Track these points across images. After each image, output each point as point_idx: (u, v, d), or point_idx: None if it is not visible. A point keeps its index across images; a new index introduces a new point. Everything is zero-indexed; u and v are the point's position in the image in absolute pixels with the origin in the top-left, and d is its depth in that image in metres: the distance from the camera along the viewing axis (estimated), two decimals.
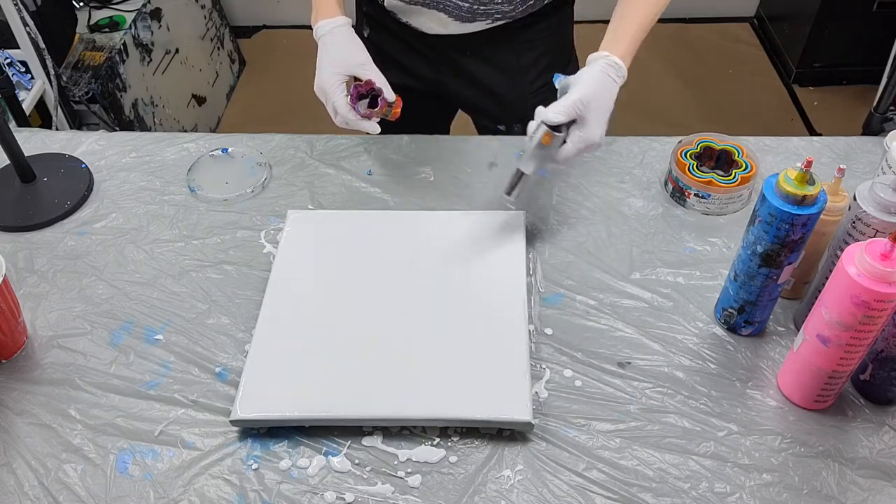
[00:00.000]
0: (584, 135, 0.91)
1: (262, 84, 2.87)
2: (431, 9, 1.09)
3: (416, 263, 0.98)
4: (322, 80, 0.99)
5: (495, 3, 1.08)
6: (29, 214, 1.08)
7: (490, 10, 1.09)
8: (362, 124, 0.99)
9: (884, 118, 1.19)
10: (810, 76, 2.75)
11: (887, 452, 0.82)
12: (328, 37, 1.01)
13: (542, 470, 0.81)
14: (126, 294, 0.99)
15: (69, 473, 0.82)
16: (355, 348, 0.89)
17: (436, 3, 1.08)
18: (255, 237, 1.06)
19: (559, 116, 0.90)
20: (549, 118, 0.90)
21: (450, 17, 1.10)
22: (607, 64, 0.94)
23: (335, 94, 0.98)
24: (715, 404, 0.86)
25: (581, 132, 0.92)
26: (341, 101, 0.98)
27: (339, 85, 0.98)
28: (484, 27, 1.12)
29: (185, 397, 0.88)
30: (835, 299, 0.75)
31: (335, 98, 0.98)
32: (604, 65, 0.94)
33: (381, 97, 0.99)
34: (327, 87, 0.98)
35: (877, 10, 2.54)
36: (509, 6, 1.09)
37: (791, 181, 0.77)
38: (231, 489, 0.80)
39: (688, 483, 0.80)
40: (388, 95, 1.00)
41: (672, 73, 2.83)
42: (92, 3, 2.30)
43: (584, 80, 0.93)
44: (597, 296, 0.97)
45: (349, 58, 1.00)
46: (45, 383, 0.90)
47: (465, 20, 1.10)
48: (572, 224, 1.06)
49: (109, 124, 2.12)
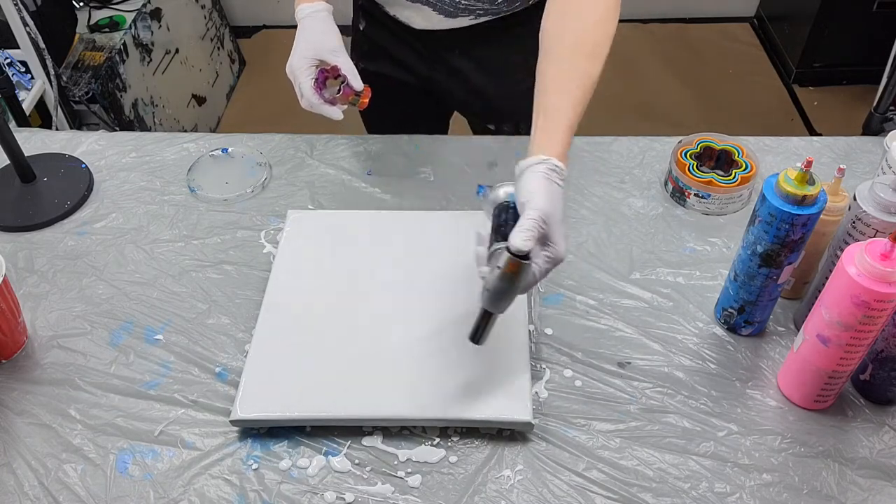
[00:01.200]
0: (552, 255, 0.78)
1: (262, 84, 2.87)
2: (416, 2, 1.10)
3: (416, 263, 0.98)
4: (292, 62, 1.01)
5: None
6: (29, 214, 1.08)
7: (472, 6, 1.09)
8: (325, 108, 0.99)
9: (884, 118, 1.19)
10: (810, 76, 2.75)
11: (887, 452, 0.82)
12: (306, 20, 1.02)
13: (542, 470, 0.81)
14: (126, 294, 0.99)
15: (69, 473, 0.82)
16: (355, 348, 0.89)
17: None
18: (255, 237, 1.06)
19: (528, 243, 0.75)
20: (519, 246, 0.74)
21: (434, 10, 1.10)
22: (549, 169, 0.80)
23: (302, 77, 0.99)
24: (715, 404, 0.86)
25: (548, 252, 0.78)
26: (307, 83, 0.99)
27: (308, 69, 0.99)
28: (468, 23, 1.12)
29: (185, 397, 0.88)
30: (835, 299, 0.75)
31: (302, 80, 0.99)
32: (546, 170, 0.80)
33: (346, 84, 1.00)
34: (296, 69, 1.00)
35: (877, 10, 2.54)
36: (492, 4, 1.09)
37: (791, 181, 0.77)
38: (231, 489, 0.80)
39: (688, 483, 0.80)
40: (354, 83, 1.00)
41: (672, 73, 2.83)
42: (92, 3, 2.30)
43: (534, 191, 0.78)
44: (597, 296, 0.97)
45: (321, 42, 1.01)
46: (45, 383, 0.90)
47: (448, 14, 1.10)
48: (572, 224, 1.06)
49: (109, 124, 2.12)
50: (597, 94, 0.89)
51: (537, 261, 0.78)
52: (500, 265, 0.76)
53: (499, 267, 0.76)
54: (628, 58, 2.84)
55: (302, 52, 1.00)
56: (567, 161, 0.82)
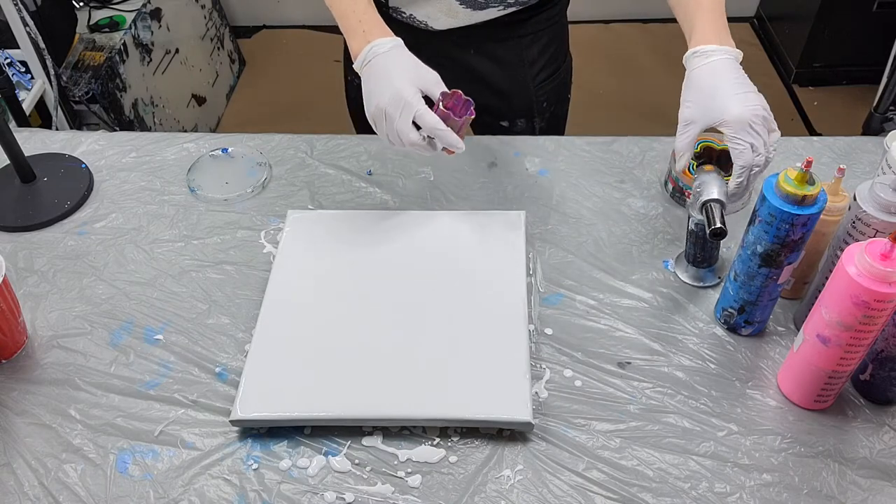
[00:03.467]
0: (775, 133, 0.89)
1: (262, 84, 2.87)
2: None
3: (416, 263, 0.98)
4: (398, 90, 0.87)
5: None
6: (29, 214, 1.08)
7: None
8: (450, 137, 0.88)
9: (884, 118, 1.20)
10: (810, 76, 2.75)
11: (887, 452, 0.82)
12: (393, 52, 0.91)
13: (542, 470, 0.81)
14: (126, 294, 0.99)
15: (69, 473, 0.82)
16: (355, 348, 0.89)
17: None
18: (255, 237, 1.06)
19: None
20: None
21: (461, 3, 1.07)
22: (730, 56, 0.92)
23: (419, 104, 0.87)
24: (715, 404, 0.86)
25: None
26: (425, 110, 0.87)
27: (419, 97, 0.88)
28: (495, 15, 1.10)
29: (185, 397, 0.88)
30: (835, 299, 0.75)
31: (419, 107, 0.87)
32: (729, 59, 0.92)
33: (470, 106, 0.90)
34: (408, 96, 0.87)
35: (877, 10, 2.54)
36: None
37: (791, 181, 0.77)
38: (231, 489, 0.80)
39: (688, 483, 0.80)
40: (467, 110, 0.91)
41: (672, 73, 2.82)
42: (92, 3, 2.30)
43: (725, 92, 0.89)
44: (597, 296, 0.97)
45: (422, 76, 0.90)
46: (45, 383, 0.90)
47: (476, 7, 1.08)
48: (572, 224, 1.06)
49: (109, 124, 2.12)
50: (597, 94, 0.89)
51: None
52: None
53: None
54: (628, 58, 2.84)
55: (408, 81, 0.88)
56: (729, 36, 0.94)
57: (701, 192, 0.88)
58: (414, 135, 0.88)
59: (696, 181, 0.89)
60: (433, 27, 1.14)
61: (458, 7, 1.09)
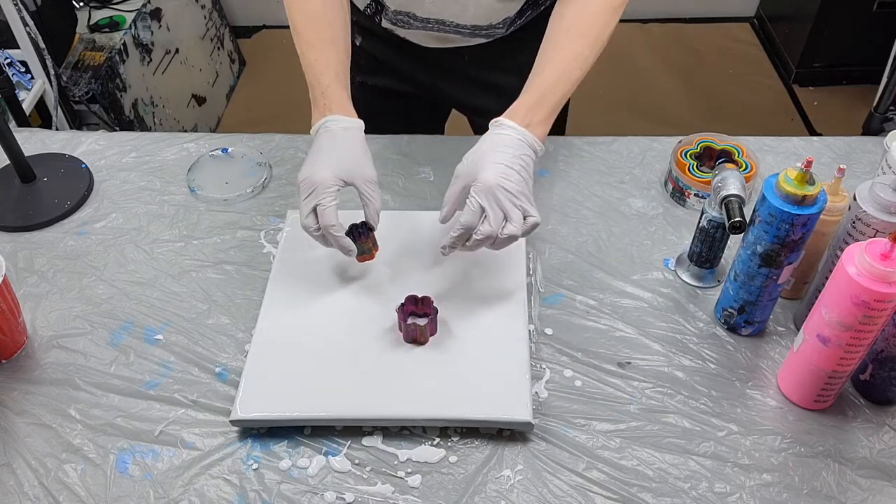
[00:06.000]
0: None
1: (262, 84, 2.87)
2: (437, 31, 1.08)
3: (416, 263, 0.98)
4: (316, 174, 0.86)
5: (496, 27, 1.07)
6: (29, 214, 1.08)
7: (491, 33, 1.09)
8: (343, 240, 0.87)
9: (884, 118, 1.20)
10: (810, 76, 2.75)
11: (887, 452, 0.82)
12: (344, 133, 0.90)
13: (542, 470, 0.81)
14: (126, 294, 0.99)
15: (69, 473, 0.82)
16: (355, 348, 0.89)
17: (438, 26, 1.07)
18: (255, 237, 1.06)
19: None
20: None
21: (452, 33, 1.09)
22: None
23: (326, 197, 0.86)
24: (715, 404, 0.86)
25: None
26: (331, 206, 0.86)
27: (334, 189, 0.86)
28: (485, 41, 1.12)
29: (185, 397, 0.88)
30: (835, 299, 0.75)
31: (324, 200, 0.86)
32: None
33: (371, 234, 0.92)
34: (321, 184, 0.86)
35: (877, 10, 2.54)
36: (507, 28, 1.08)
37: (791, 181, 0.77)
38: (231, 489, 0.80)
39: (688, 483, 0.80)
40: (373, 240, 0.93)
41: (672, 73, 2.83)
42: (92, 3, 2.30)
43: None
44: (597, 296, 0.97)
45: (357, 168, 0.88)
46: (45, 383, 0.90)
47: (466, 35, 1.10)
48: (572, 224, 1.06)
49: (109, 124, 2.12)
50: (597, 95, 0.89)
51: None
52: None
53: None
54: (628, 58, 2.84)
55: (332, 169, 0.87)
56: (544, 126, 0.89)
57: (721, 187, 0.88)
58: (309, 220, 0.87)
59: (717, 178, 0.90)
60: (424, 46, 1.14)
61: (451, 36, 1.10)
